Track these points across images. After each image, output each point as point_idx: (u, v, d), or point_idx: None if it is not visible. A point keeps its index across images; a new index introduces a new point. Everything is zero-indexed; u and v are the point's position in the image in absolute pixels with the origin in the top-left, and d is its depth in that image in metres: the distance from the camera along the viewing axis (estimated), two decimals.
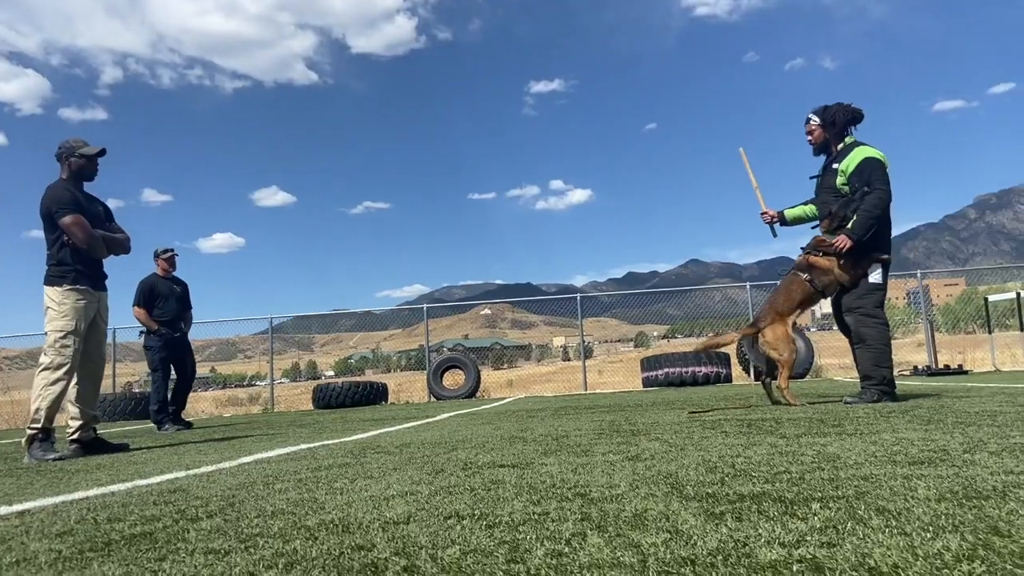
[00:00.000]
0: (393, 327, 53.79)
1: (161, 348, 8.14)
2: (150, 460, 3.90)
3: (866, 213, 5.05)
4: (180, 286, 8.43)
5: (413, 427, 5.45)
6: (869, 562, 1.16)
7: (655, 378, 12.67)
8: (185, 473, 3.06)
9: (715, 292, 22.21)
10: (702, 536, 1.38)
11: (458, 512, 1.76)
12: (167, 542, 1.62)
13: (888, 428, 3.21)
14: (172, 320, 8.26)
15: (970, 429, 2.98)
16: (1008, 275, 20.16)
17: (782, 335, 5.14)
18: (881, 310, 5.16)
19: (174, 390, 8.29)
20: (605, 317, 48.29)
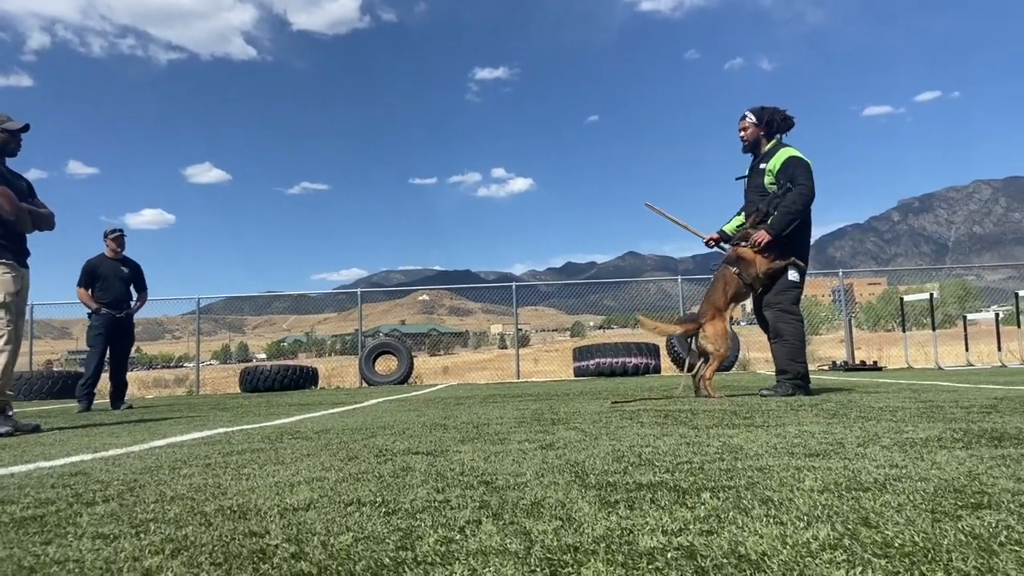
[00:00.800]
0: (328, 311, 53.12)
1: (100, 326, 7.99)
2: (59, 442, 3.79)
3: (785, 209, 5.20)
4: (129, 267, 8.28)
5: (338, 413, 5.41)
6: (740, 550, 1.21)
7: (586, 368, 12.83)
8: (91, 456, 2.99)
9: (650, 285, 22.58)
10: (592, 524, 1.42)
11: (360, 499, 1.76)
12: (57, 526, 1.59)
13: (794, 421, 3.33)
14: (115, 301, 8.10)
15: (869, 424, 3.11)
16: (926, 276, 21.05)
17: (721, 331, 5.27)
18: (797, 307, 5.34)
19: (110, 373, 8.19)
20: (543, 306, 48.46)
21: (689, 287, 18.56)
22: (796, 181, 5.21)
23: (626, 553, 1.22)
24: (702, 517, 1.45)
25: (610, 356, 12.67)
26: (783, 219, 5.20)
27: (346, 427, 3.93)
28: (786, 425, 3.17)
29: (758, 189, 5.48)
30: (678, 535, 1.32)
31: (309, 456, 2.67)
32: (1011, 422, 2.98)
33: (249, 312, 32.08)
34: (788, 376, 5.24)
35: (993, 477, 1.78)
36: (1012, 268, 22.68)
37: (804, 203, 5.19)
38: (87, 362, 8.14)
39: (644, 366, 12.65)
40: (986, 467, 1.92)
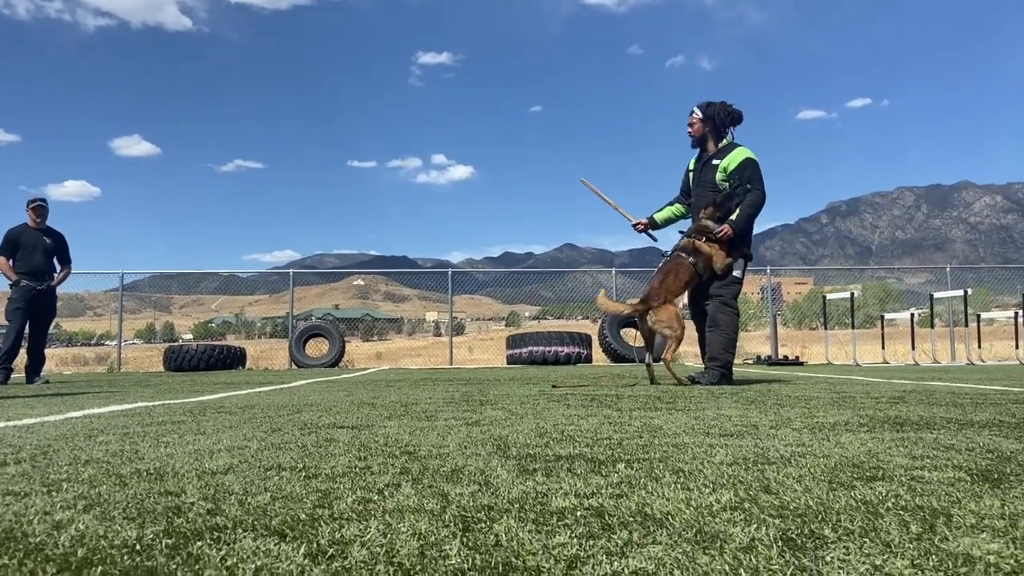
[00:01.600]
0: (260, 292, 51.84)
1: (19, 299, 7.70)
2: None
3: (748, 209, 5.38)
4: (52, 238, 7.98)
5: (264, 391, 5.35)
6: (647, 511, 1.27)
7: (519, 356, 12.94)
8: (4, 424, 2.90)
9: (586, 276, 22.82)
10: (509, 488, 1.47)
11: (280, 465, 1.77)
12: None
13: (714, 406, 3.45)
14: (36, 272, 7.81)
15: (784, 410, 3.25)
16: (850, 277, 21.93)
17: (674, 314, 5.37)
18: (736, 302, 5.50)
19: (28, 347, 7.90)
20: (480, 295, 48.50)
21: (624, 280, 18.80)
22: (753, 183, 5.38)
23: (538, 512, 1.27)
24: (615, 484, 1.51)
25: (543, 345, 12.80)
26: (746, 218, 5.38)
27: (272, 404, 3.90)
28: (705, 409, 3.28)
29: (708, 184, 5.60)
30: (590, 498, 1.37)
31: (231, 428, 2.65)
32: (915, 411, 3.15)
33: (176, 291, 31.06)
34: (718, 363, 5.40)
35: (890, 455, 1.89)
36: (930, 272, 23.71)
37: (760, 205, 5.41)
38: (5, 336, 7.84)
39: (576, 355, 12.82)
40: (885, 447, 2.04)
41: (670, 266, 5.49)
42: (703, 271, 5.43)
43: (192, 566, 0.99)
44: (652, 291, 5.44)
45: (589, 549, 1.06)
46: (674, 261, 5.50)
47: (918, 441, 2.15)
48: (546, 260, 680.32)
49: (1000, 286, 19.07)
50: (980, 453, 1.91)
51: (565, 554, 1.04)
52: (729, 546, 1.07)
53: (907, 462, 1.77)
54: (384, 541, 1.10)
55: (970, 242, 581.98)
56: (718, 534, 1.13)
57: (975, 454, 1.89)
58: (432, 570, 0.97)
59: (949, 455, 1.88)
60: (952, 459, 1.81)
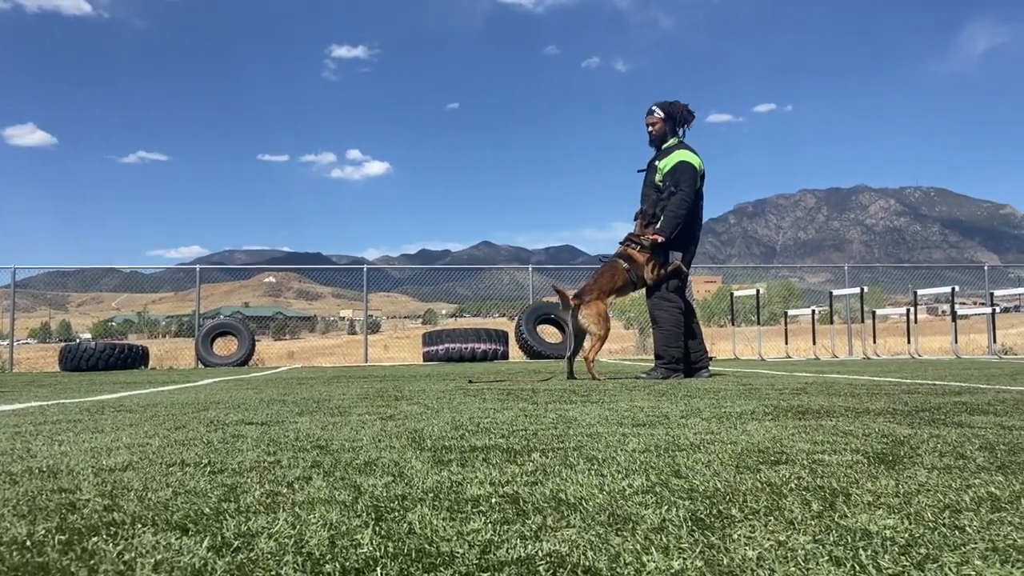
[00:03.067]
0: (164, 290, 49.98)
1: None
2: None
3: (670, 214, 5.45)
4: None
5: (169, 390, 5.16)
6: (561, 496, 1.28)
7: (435, 353, 12.89)
8: None
9: (503, 274, 22.92)
10: (423, 478, 1.45)
11: (184, 461, 1.71)
12: None
13: (627, 399, 3.51)
14: None
15: (694, 401, 3.34)
16: (756, 276, 22.71)
17: (602, 312, 5.42)
18: (677, 295, 5.56)
19: None
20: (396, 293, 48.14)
21: (540, 278, 18.96)
22: (679, 187, 5.46)
23: (453, 500, 1.26)
24: (529, 472, 1.52)
25: (459, 342, 12.78)
26: (669, 223, 5.46)
27: (176, 402, 3.76)
28: (619, 401, 3.34)
29: (651, 184, 5.71)
30: (505, 486, 1.37)
31: (132, 426, 2.54)
32: (816, 401, 3.29)
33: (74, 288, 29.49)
34: (663, 361, 5.50)
35: (793, 441, 1.96)
36: (830, 271, 24.91)
37: (686, 208, 5.45)
38: None
39: (492, 352, 12.86)
40: (788, 434, 2.11)
41: (605, 268, 5.58)
42: (636, 279, 5.53)
43: (87, 561, 0.94)
44: (586, 287, 5.51)
45: (503, 534, 1.06)
46: (610, 265, 5.59)
47: (819, 428, 2.24)
48: (463, 257, 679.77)
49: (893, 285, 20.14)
50: (876, 438, 2.00)
51: (479, 539, 1.03)
52: (641, 527, 1.09)
53: (809, 447, 1.84)
54: (293, 532, 1.07)
55: (866, 243, 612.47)
56: (630, 516, 1.15)
57: (871, 439, 1.99)
58: (343, 559, 0.95)
59: (847, 440, 1.96)
60: (850, 444, 1.89)
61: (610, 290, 5.50)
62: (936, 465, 1.57)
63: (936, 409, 2.81)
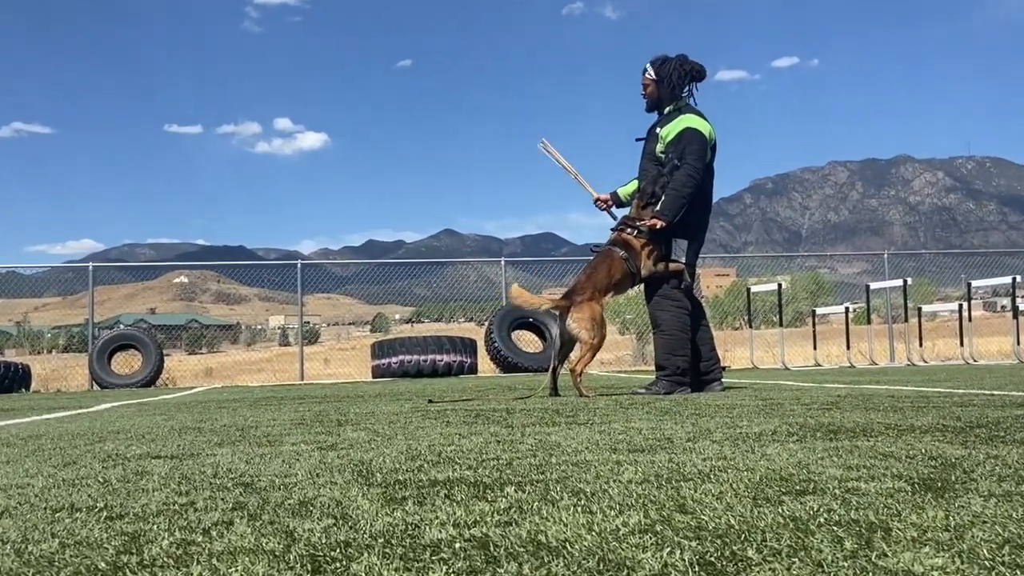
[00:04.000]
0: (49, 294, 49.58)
1: None
2: None
3: (674, 192, 5.44)
4: None
5: (56, 418, 5.10)
6: (540, 538, 1.29)
7: (387, 367, 12.87)
8: None
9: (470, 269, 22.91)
10: (371, 520, 1.45)
11: (75, 504, 1.69)
12: None
13: (622, 419, 3.54)
14: None
15: (703, 420, 3.37)
16: (778, 267, 22.85)
17: (597, 315, 5.43)
18: (682, 292, 5.60)
19: None
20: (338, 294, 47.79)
21: (515, 272, 18.94)
22: (685, 159, 5.46)
23: (407, 546, 1.26)
24: (502, 509, 1.52)
25: (417, 353, 12.78)
26: (673, 204, 5.44)
27: (65, 432, 3.72)
28: (612, 422, 3.36)
29: (651, 155, 5.73)
30: (472, 527, 1.37)
31: (9, 463, 2.51)
32: (849, 417, 3.33)
33: None
34: (666, 372, 5.52)
35: (822, 466, 1.99)
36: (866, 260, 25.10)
37: (693, 184, 5.45)
38: None
39: (458, 365, 12.88)
40: (816, 457, 2.14)
41: (600, 259, 5.59)
42: (637, 269, 5.55)
43: None
44: (577, 285, 5.52)
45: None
46: (605, 255, 5.60)
47: (853, 450, 2.27)
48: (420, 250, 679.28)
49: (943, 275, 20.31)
50: (922, 460, 2.03)
51: None
52: (638, 574, 1.10)
53: (841, 473, 1.87)
54: None
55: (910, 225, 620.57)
56: (624, 561, 1.16)
57: (916, 462, 2.02)
58: None
59: (887, 464, 1.99)
60: (891, 468, 1.92)
61: (607, 287, 5.52)
62: (994, 492, 1.60)
63: (994, 425, 2.86)
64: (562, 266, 18.10)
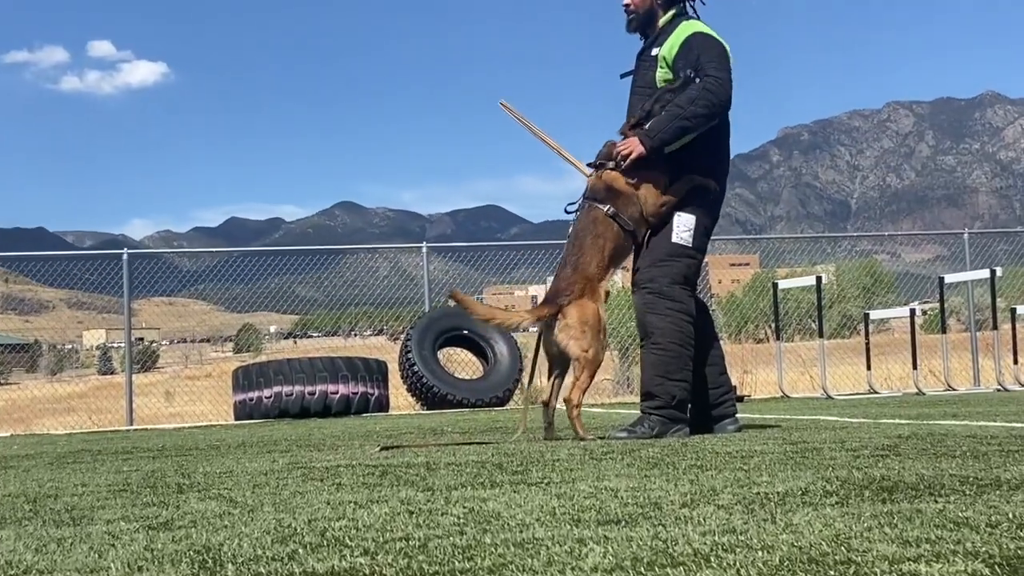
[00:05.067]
0: None
1: None
2: None
3: (676, 109, 5.42)
4: None
5: None
6: None
7: (256, 403, 12.77)
8: None
9: (379, 259, 22.76)
10: None
11: None
12: None
13: (592, 475, 3.55)
14: None
15: (707, 475, 3.39)
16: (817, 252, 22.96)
17: (589, 316, 5.43)
18: (684, 288, 5.60)
19: None
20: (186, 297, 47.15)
21: (444, 264, 18.88)
22: (704, 69, 5.47)
23: None
24: None
25: (300, 383, 12.68)
26: (671, 123, 5.41)
27: None
28: (578, 481, 3.37)
29: (648, 88, 5.77)
30: None
31: None
32: (911, 468, 3.38)
33: None
34: (656, 404, 5.52)
35: (869, 541, 2.01)
36: (940, 243, 25.34)
37: (710, 103, 5.43)
38: None
39: (361, 399, 12.79)
40: (862, 528, 2.17)
41: (581, 230, 5.59)
42: (632, 225, 5.52)
43: None
44: (561, 281, 5.54)
45: None
46: (585, 218, 5.60)
47: (914, 516, 2.31)
48: (306, 232, 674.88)
49: None
50: (1008, 531, 2.07)
51: None
52: None
53: (895, 550, 1.89)
54: None
55: (1000, 191, 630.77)
56: None
57: (1000, 533, 2.05)
58: None
59: (960, 535, 2.02)
60: (965, 542, 1.95)
61: (601, 269, 5.54)
62: None
63: None
64: (511, 253, 18.07)
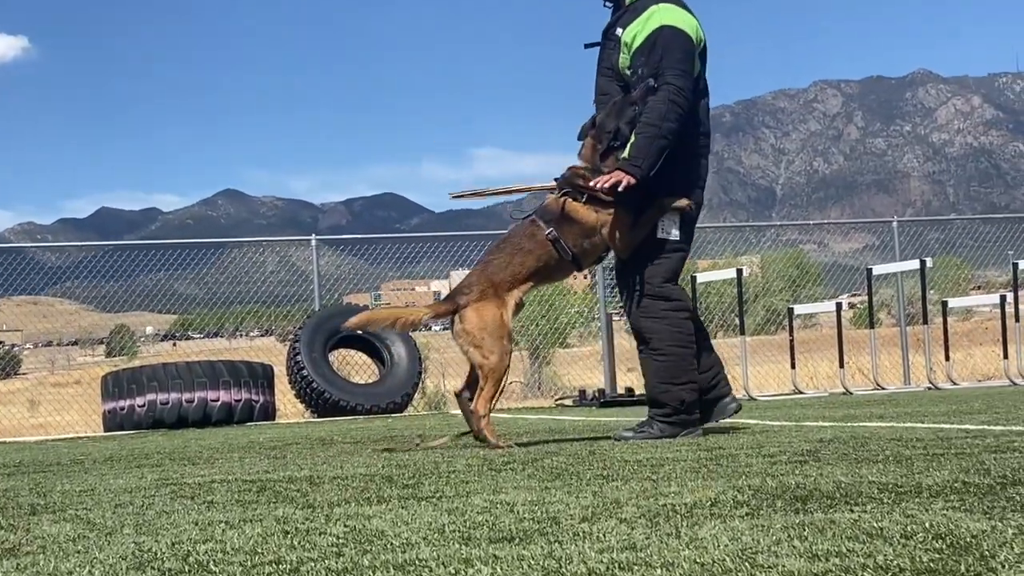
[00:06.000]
0: None
1: None
2: None
3: (650, 129, 5.45)
4: None
5: None
6: None
7: (128, 413, 12.64)
8: None
9: (266, 253, 22.55)
10: None
11: None
12: None
13: (488, 488, 3.55)
14: None
15: (612, 485, 3.41)
16: (740, 242, 23.06)
17: (489, 322, 5.49)
18: (674, 285, 5.74)
19: None
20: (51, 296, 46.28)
21: (337, 257, 18.78)
22: (663, 74, 5.50)
23: None
24: None
25: (177, 390, 12.56)
26: (651, 145, 5.45)
27: None
28: (472, 495, 3.37)
29: (611, 72, 5.84)
30: None
31: None
32: (829, 475, 3.42)
33: None
34: (667, 412, 5.66)
35: (776, 556, 2.02)
36: (869, 232, 25.63)
37: (679, 116, 5.49)
38: None
39: (244, 406, 12.71)
40: (771, 541, 2.18)
41: (509, 238, 5.70)
42: (573, 251, 5.60)
43: None
44: (467, 278, 5.66)
45: None
46: (520, 231, 5.70)
47: (826, 527, 2.33)
48: (185, 223, 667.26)
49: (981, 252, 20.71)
50: (923, 541, 2.09)
51: None
52: None
53: (802, 565, 1.91)
54: None
55: (932, 176, 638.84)
56: None
57: (915, 543, 2.07)
58: None
59: (873, 547, 2.04)
60: (877, 555, 1.97)
61: (512, 279, 5.60)
62: None
63: None
64: (411, 246, 18.01)
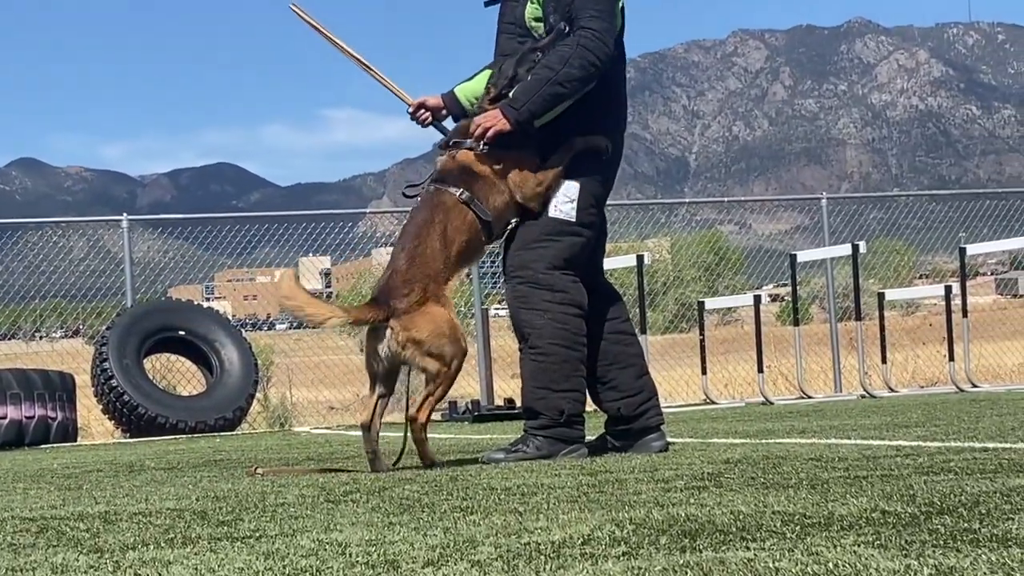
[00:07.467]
0: None
1: None
2: None
3: (545, 71, 5.57)
4: None
5: None
6: None
7: None
8: None
9: (72, 236, 22.24)
10: None
11: None
12: None
13: (320, 524, 3.53)
14: None
15: (470, 520, 3.40)
16: (648, 223, 23.19)
17: (442, 324, 5.54)
18: (566, 274, 5.74)
19: None
20: None
21: (161, 242, 18.66)
22: (580, 17, 5.60)
23: None
24: None
25: None
26: (540, 89, 5.56)
27: None
28: (299, 533, 3.34)
29: (516, 28, 5.91)
30: None
31: None
32: (728, 504, 3.43)
33: None
34: (541, 423, 5.71)
35: None
36: (796, 210, 25.88)
37: (587, 62, 5.57)
38: None
39: (38, 424, 12.59)
40: None
41: (423, 219, 5.69)
42: (491, 215, 5.65)
43: None
44: (394, 277, 5.60)
45: None
46: (430, 206, 5.71)
47: (713, 569, 2.33)
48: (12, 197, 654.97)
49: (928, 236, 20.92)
50: None
51: None
52: None
53: None
54: None
55: (872, 145, 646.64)
56: None
57: None
58: None
59: None
60: None
61: (448, 264, 5.65)
62: None
63: (969, 507, 3.02)
64: (252, 227, 17.87)
